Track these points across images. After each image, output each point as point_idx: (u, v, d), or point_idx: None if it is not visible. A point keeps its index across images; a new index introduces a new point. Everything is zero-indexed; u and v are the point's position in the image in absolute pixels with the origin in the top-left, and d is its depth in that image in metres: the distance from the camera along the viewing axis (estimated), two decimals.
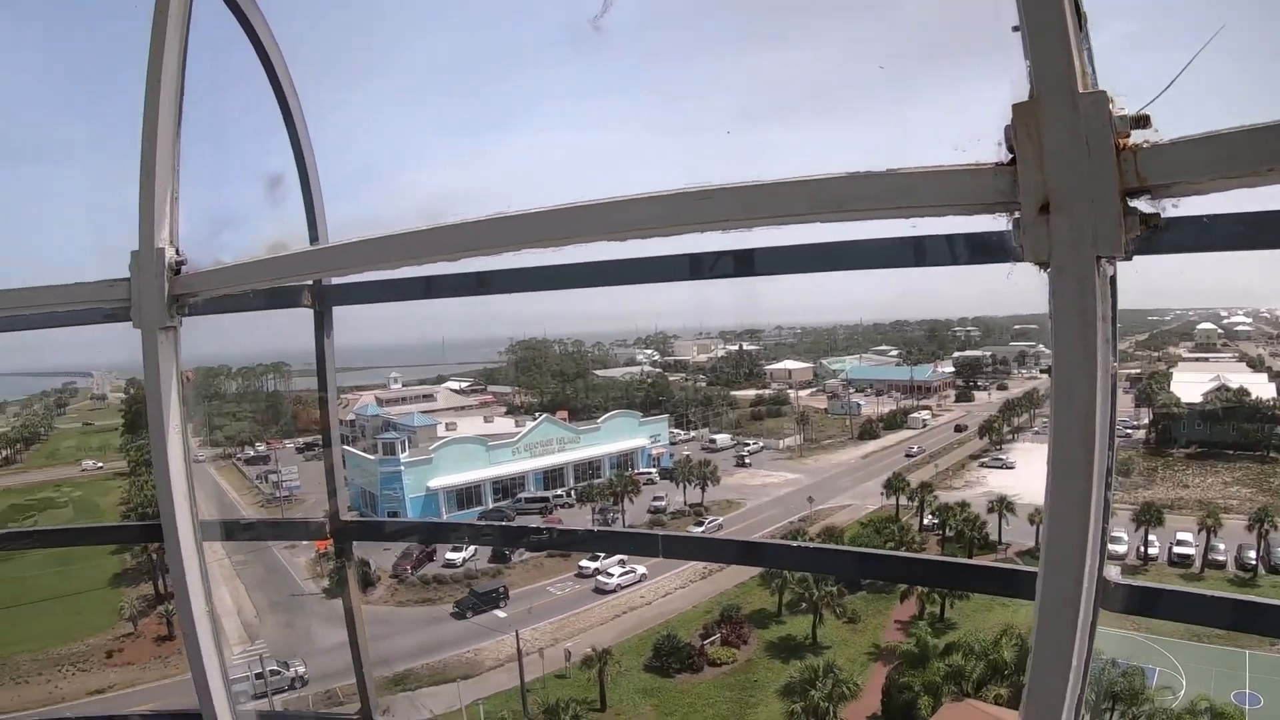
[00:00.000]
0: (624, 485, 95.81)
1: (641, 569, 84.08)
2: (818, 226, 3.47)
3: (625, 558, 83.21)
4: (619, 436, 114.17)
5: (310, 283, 5.72)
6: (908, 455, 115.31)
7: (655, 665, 67.71)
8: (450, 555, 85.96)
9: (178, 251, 4.75)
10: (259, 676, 66.29)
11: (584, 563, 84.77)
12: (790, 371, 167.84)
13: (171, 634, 76.16)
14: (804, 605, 73.24)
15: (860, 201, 3.09)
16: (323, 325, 5.93)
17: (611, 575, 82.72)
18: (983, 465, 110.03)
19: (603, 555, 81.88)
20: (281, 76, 5.80)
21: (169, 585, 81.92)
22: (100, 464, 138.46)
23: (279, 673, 67.54)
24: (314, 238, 6.00)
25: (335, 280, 5.77)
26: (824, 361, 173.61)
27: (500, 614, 75.94)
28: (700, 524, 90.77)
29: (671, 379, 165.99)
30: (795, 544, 5.83)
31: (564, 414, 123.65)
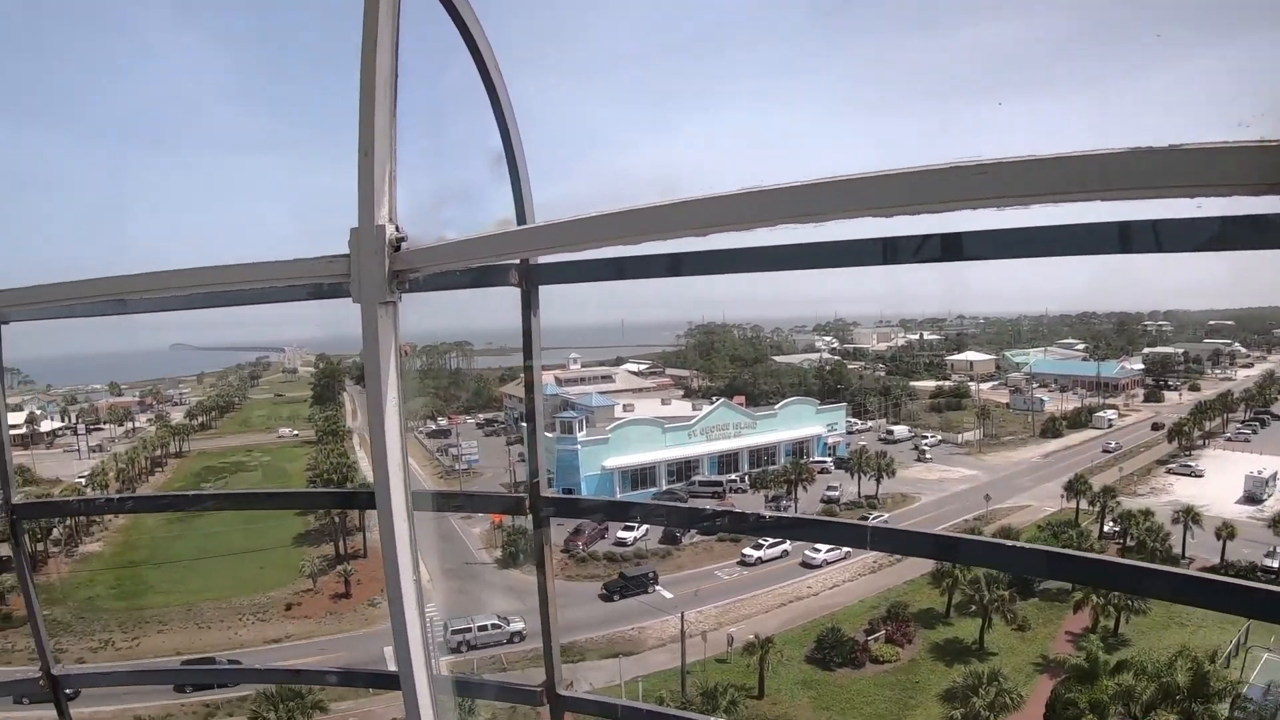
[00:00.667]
0: (798, 473, 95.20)
1: (845, 549, 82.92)
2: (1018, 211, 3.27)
3: (885, 516, 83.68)
4: (795, 423, 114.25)
5: (518, 261, 5.79)
6: (1105, 451, 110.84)
7: (817, 657, 67.66)
8: (622, 534, 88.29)
9: (397, 228, 4.84)
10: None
11: (747, 550, 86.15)
12: (972, 363, 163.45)
13: (348, 592, 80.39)
14: (973, 608, 71.61)
15: (1139, 178, 2.86)
16: (529, 304, 6.01)
17: (819, 551, 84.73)
18: (1170, 472, 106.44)
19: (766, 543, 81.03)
20: (487, 59, 5.88)
21: (345, 547, 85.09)
22: (296, 432, 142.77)
23: (500, 626, 72.40)
24: (521, 217, 6.06)
25: (540, 260, 5.83)
26: (1007, 354, 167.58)
27: (667, 594, 75.87)
28: (865, 518, 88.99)
29: (850, 367, 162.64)
30: (993, 540, 5.62)
31: (741, 399, 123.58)
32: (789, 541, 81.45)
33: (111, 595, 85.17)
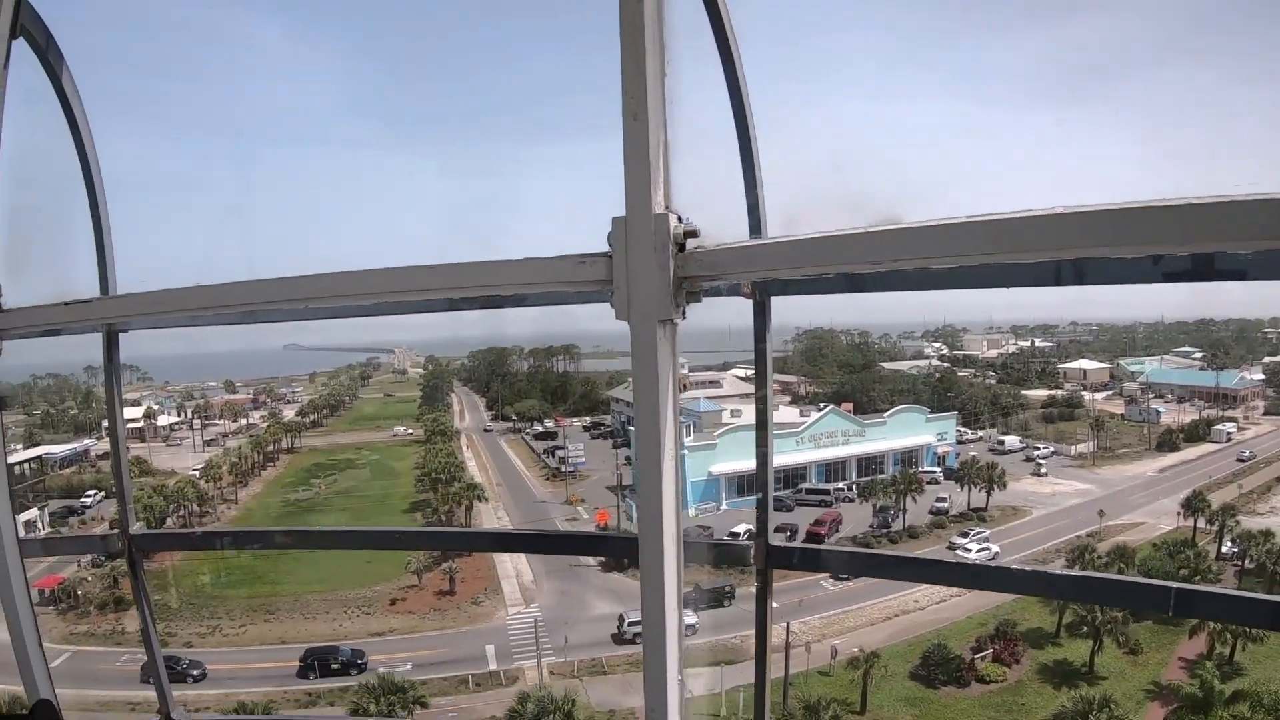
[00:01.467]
0: (907, 483, 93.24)
1: (995, 547, 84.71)
2: None
3: (986, 532, 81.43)
4: (904, 432, 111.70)
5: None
6: (1239, 460, 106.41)
7: (921, 674, 65.93)
8: (726, 539, 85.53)
9: (680, 219, 3.94)
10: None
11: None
12: (1085, 372, 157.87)
13: (452, 589, 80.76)
14: (1084, 629, 69.10)
15: None
16: (763, 315, 5.43)
17: (970, 550, 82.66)
18: None
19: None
20: (735, 53, 5.32)
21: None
22: (410, 430, 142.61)
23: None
24: (753, 227, 5.51)
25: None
26: (1122, 362, 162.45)
27: (773, 604, 74.88)
28: (965, 534, 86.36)
29: (960, 374, 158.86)
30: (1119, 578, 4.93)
31: (849, 406, 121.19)
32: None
33: (221, 583, 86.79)
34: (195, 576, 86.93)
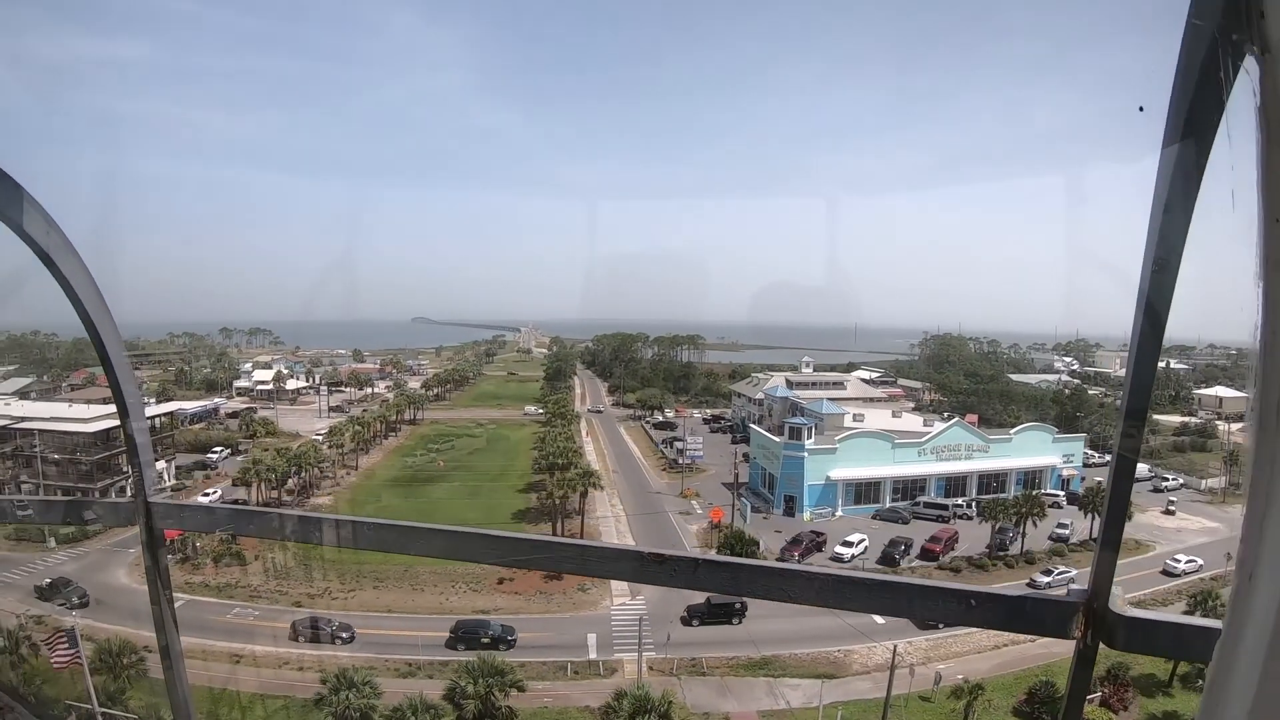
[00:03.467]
0: (1029, 506, 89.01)
1: (1199, 560, 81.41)
2: None
3: (1073, 572, 78.97)
4: (1029, 451, 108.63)
5: None
6: None
7: (1025, 710, 61.36)
8: (839, 549, 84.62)
9: None
10: None
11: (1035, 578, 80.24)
12: (1221, 399, 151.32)
13: (559, 575, 79.05)
14: (1199, 680, 64.85)
15: None
16: None
17: (1179, 560, 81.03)
18: None
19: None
20: None
21: (563, 529, 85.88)
22: (541, 409, 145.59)
23: None
24: None
25: None
26: None
27: (879, 619, 72.66)
28: (1049, 572, 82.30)
29: (1091, 392, 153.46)
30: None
31: (973, 418, 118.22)
32: None
33: (334, 548, 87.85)
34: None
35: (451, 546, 4.26)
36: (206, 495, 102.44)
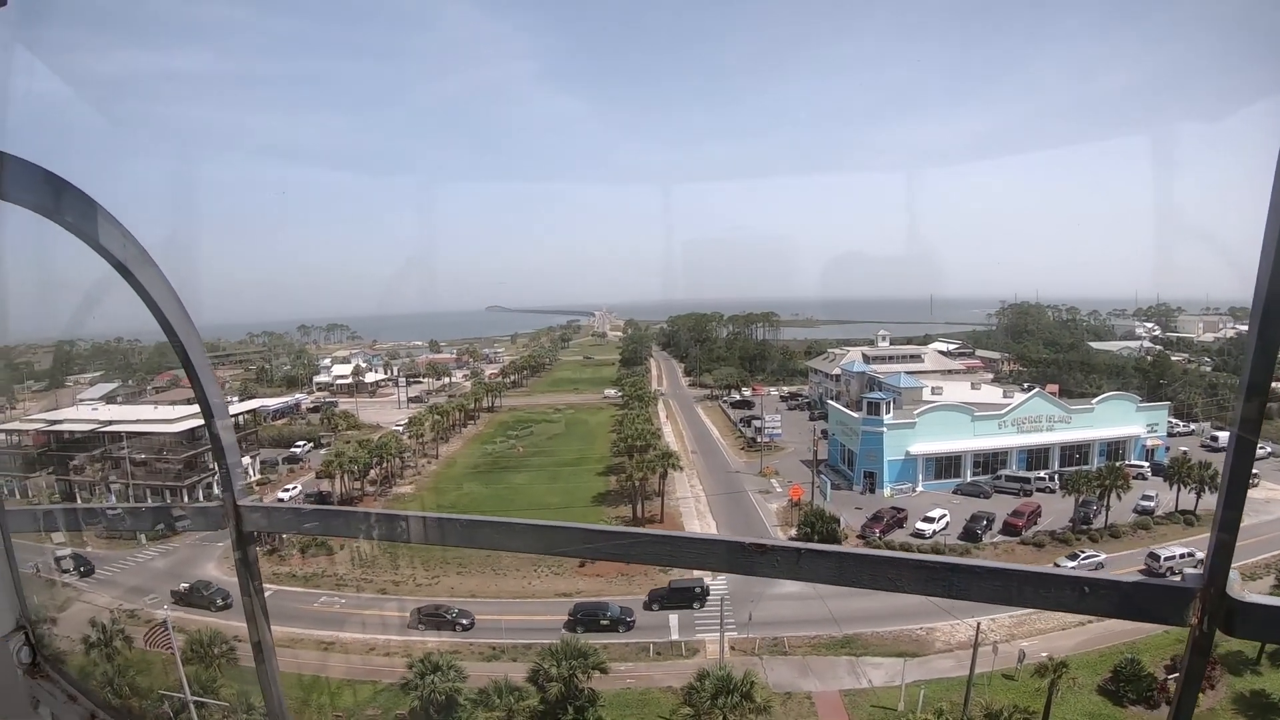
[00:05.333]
0: (1112, 478, 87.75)
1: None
2: None
3: (1101, 556, 76.91)
4: (1113, 421, 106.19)
5: None
6: None
7: (1110, 689, 60.28)
8: (920, 525, 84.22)
9: None
10: None
11: (1060, 561, 77.69)
12: None
13: None
14: None
15: None
16: None
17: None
18: None
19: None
20: None
21: (643, 511, 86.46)
22: (621, 392, 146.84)
23: None
24: None
25: None
26: None
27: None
28: (1074, 556, 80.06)
29: (1174, 359, 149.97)
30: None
31: (1053, 389, 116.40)
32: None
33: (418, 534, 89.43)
34: None
35: (543, 541, 4.63)
36: (287, 490, 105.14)
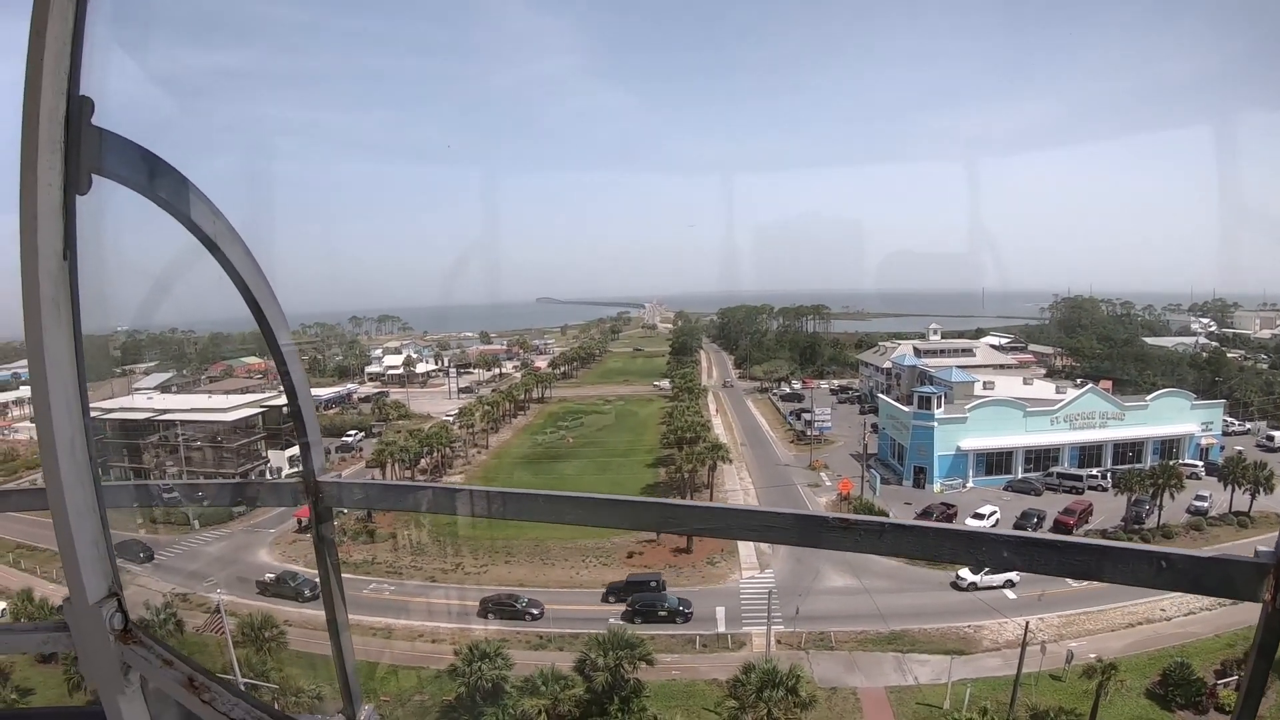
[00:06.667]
0: (1166, 477, 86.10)
1: None
2: None
3: None
4: (1166, 419, 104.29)
5: None
6: None
7: (1158, 693, 58.57)
8: (970, 521, 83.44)
9: None
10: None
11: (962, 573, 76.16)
12: None
13: (689, 547, 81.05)
14: None
15: None
16: None
17: None
18: None
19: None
20: None
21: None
22: (670, 383, 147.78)
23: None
24: None
25: None
26: None
27: (1010, 594, 71.41)
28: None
29: (1230, 355, 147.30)
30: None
31: (1107, 384, 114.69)
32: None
33: (467, 524, 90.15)
34: (442, 515, 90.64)
35: (617, 516, 4.64)
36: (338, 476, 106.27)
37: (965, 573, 74.26)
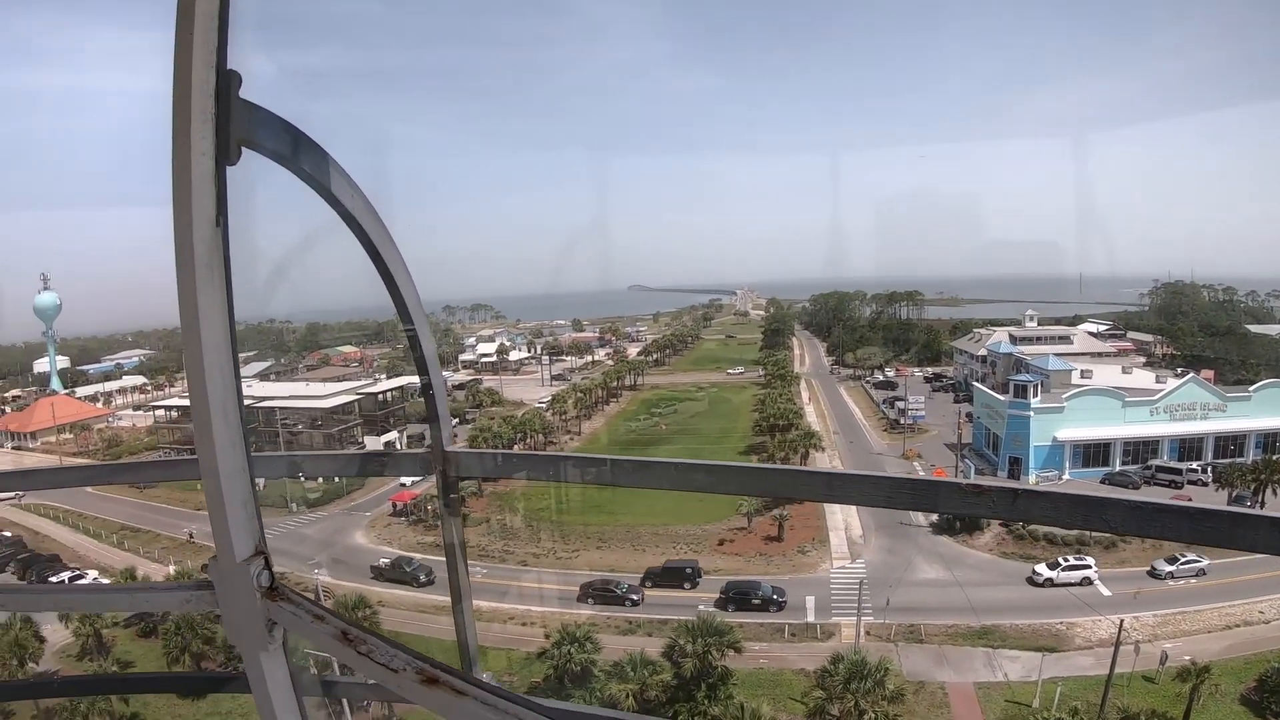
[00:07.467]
0: (1269, 472, 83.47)
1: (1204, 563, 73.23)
2: None
3: (1204, 562, 72.29)
4: (1271, 411, 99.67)
5: None
6: None
7: (1253, 699, 55.78)
8: None
9: None
10: None
11: (1157, 564, 73.96)
12: None
13: (780, 536, 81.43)
14: None
15: None
16: None
17: (1173, 579, 73.34)
18: None
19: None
20: None
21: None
22: (743, 370, 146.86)
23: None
24: None
25: None
26: None
27: (1105, 591, 70.01)
28: (1174, 560, 74.88)
29: None
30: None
31: (1209, 374, 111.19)
32: None
33: (560, 509, 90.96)
34: (536, 499, 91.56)
35: (747, 481, 4.63)
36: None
37: (1042, 568, 73.85)
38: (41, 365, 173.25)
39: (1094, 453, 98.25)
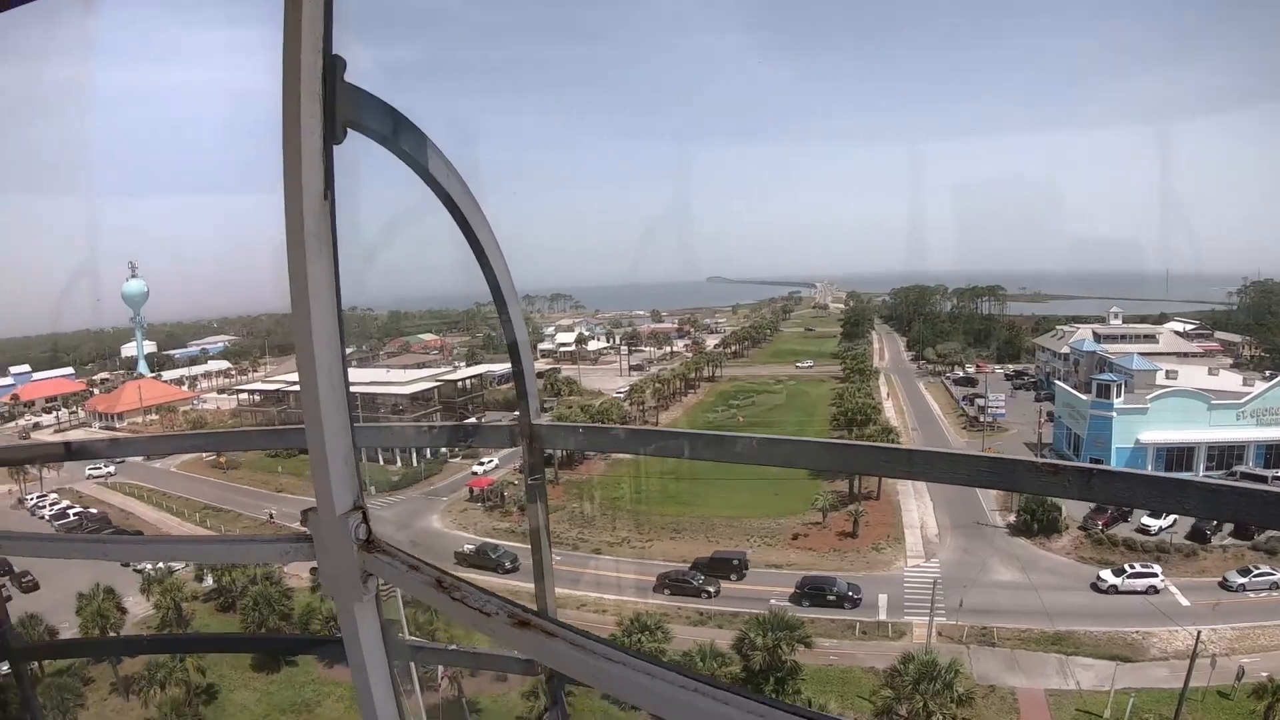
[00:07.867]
0: None
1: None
2: None
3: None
4: None
5: None
6: None
7: None
8: (1148, 520, 79.51)
9: None
10: None
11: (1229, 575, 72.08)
12: None
13: (855, 532, 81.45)
14: None
15: None
16: None
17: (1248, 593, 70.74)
18: None
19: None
20: None
21: (860, 487, 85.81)
22: (812, 364, 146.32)
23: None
24: None
25: None
26: None
27: (1183, 601, 68.58)
28: (1247, 571, 72.87)
29: None
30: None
31: None
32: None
33: (636, 498, 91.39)
34: (613, 488, 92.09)
35: (835, 458, 4.67)
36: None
37: (1107, 574, 72.67)
38: (129, 349, 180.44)
39: (1177, 457, 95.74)
